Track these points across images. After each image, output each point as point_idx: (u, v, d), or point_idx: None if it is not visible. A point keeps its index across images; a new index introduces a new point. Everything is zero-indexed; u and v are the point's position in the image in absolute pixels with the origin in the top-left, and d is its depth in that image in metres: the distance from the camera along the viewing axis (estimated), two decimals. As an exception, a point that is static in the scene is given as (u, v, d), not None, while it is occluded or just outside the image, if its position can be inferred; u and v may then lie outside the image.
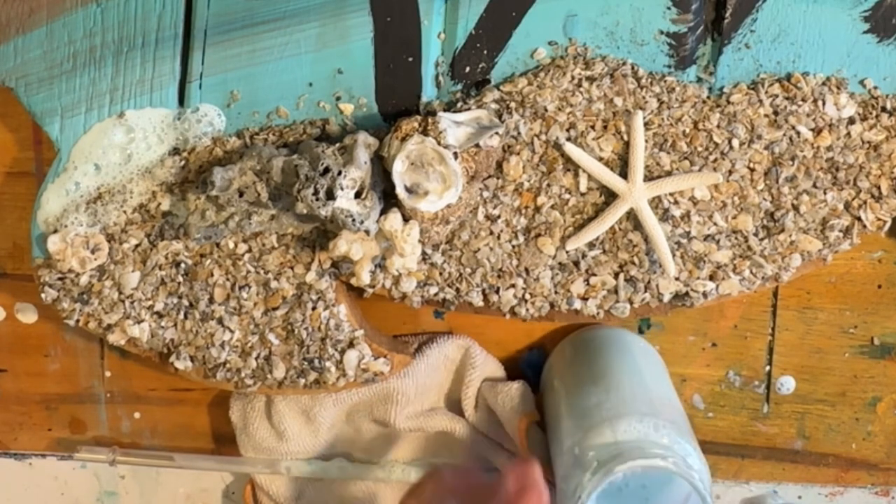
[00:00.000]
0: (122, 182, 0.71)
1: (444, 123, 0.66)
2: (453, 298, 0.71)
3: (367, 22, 0.68)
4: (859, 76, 0.68)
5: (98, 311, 0.72)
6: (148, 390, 0.80)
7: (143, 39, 0.69)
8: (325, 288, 0.71)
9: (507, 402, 0.74)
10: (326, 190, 0.65)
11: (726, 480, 0.80)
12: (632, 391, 0.69)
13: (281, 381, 0.73)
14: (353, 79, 0.69)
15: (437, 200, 0.67)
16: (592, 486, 0.61)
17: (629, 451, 0.62)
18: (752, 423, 0.78)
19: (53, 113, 0.70)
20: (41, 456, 0.83)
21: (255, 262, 0.71)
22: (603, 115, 0.69)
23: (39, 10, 0.69)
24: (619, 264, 0.70)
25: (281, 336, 0.72)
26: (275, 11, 0.68)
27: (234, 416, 0.78)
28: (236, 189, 0.67)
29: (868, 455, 0.79)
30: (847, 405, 0.77)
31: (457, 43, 0.69)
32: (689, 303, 0.70)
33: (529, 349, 0.78)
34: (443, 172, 0.66)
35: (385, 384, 0.75)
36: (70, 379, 0.80)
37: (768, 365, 0.77)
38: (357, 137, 0.66)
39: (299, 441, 0.77)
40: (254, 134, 0.70)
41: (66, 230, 0.71)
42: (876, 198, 0.69)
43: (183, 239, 0.71)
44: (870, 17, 0.67)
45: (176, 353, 0.72)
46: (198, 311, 0.72)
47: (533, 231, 0.70)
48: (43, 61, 0.69)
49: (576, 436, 0.66)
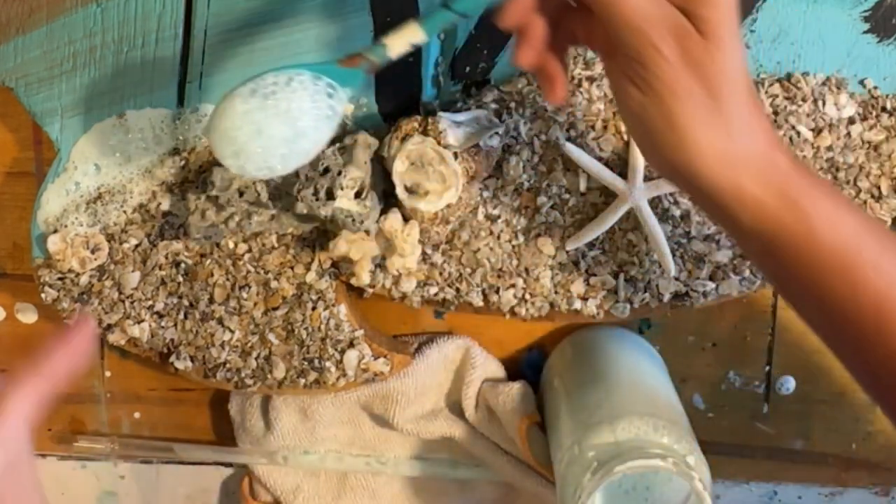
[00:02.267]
0: (122, 182, 0.71)
1: (444, 123, 0.66)
2: (453, 298, 0.71)
3: (367, 22, 0.68)
4: (859, 76, 0.68)
5: (98, 311, 0.72)
6: (148, 390, 0.80)
7: (143, 39, 0.69)
8: (325, 288, 0.71)
9: (507, 403, 0.74)
10: (326, 190, 0.65)
11: (726, 480, 0.80)
12: (632, 391, 0.69)
13: (281, 381, 0.73)
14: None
15: (437, 200, 0.67)
16: (592, 486, 0.61)
17: (629, 451, 0.62)
18: (752, 423, 0.78)
19: (53, 113, 0.70)
20: (41, 456, 0.83)
21: (255, 262, 0.71)
22: (603, 115, 0.69)
23: (39, 10, 0.69)
24: (618, 264, 0.70)
25: (281, 336, 0.72)
26: (275, 11, 0.68)
27: (232, 411, 0.78)
28: (236, 189, 0.67)
29: (868, 455, 0.79)
30: (847, 405, 0.77)
31: (457, 43, 0.69)
32: (689, 303, 0.70)
33: (529, 349, 0.78)
34: (443, 172, 0.66)
35: (385, 384, 0.75)
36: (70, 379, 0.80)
37: (768, 365, 0.77)
38: (357, 137, 0.66)
39: (296, 437, 0.77)
40: (254, 134, 0.70)
41: (66, 230, 0.71)
42: (876, 198, 0.69)
43: (183, 239, 0.71)
44: (870, 17, 0.67)
45: (176, 353, 0.72)
46: (198, 311, 0.72)
47: (533, 231, 0.70)
48: (43, 61, 0.69)
49: (575, 436, 0.66)
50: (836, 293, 0.52)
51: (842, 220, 0.52)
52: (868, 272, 0.52)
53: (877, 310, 0.52)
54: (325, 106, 0.53)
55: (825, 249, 0.52)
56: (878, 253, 0.52)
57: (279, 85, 0.53)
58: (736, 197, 0.52)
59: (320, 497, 0.80)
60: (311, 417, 0.77)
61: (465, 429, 0.76)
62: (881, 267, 0.52)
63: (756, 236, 0.53)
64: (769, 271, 0.56)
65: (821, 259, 0.52)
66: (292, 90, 0.53)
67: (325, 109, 0.53)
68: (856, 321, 0.53)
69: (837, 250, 0.52)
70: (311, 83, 0.53)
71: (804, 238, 0.52)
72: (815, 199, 0.52)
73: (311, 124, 0.53)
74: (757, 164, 0.51)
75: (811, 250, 0.52)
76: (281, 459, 0.78)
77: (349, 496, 0.80)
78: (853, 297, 0.52)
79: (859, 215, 0.53)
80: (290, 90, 0.53)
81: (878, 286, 0.52)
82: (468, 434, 0.76)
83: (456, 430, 0.76)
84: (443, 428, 0.76)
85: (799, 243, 0.52)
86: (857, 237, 0.52)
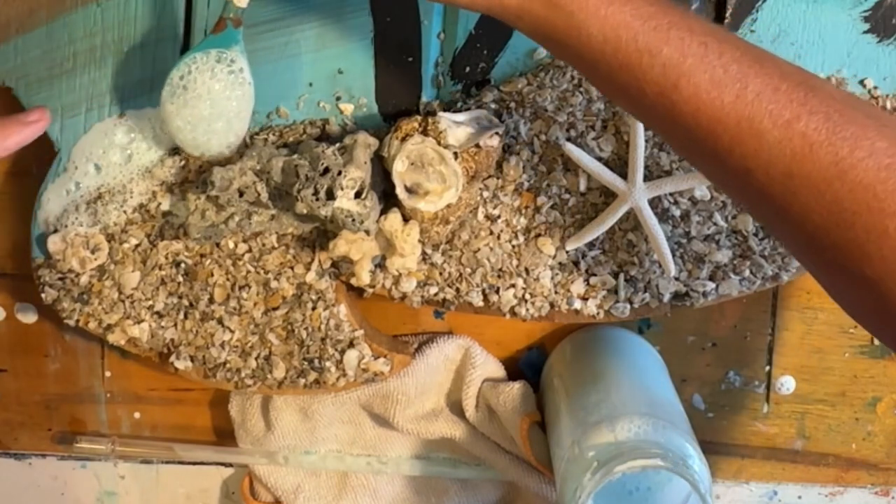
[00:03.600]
0: (122, 182, 0.71)
1: (444, 123, 0.66)
2: (453, 298, 0.71)
3: (367, 22, 0.68)
4: (859, 76, 0.68)
5: (98, 311, 0.72)
6: (148, 390, 0.80)
7: (143, 39, 0.69)
8: (325, 288, 0.71)
9: (508, 403, 0.74)
10: (326, 190, 0.65)
11: (726, 480, 0.80)
12: (632, 391, 0.69)
13: (281, 381, 0.73)
14: (353, 79, 0.69)
15: (437, 200, 0.67)
16: (592, 486, 0.61)
17: (629, 451, 0.62)
18: (752, 423, 0.78)
19: (53, 113, 0.70)
20: (41, 456, 0.83)
21: (255, 262, 0.71)
22: (603, 115, 0.69)
23: (39, 9, 0.69)
24: (618, 264, 0.70)
25: (281, 336, 0.72)
26: (275, 11, 0.68)
27: (233, 410, 0.78)
28: (236, 189, 0.67)
29: (868, 455, 0.79)
30: (847, 405, 0.77)
31: (457, 43, 0.69)
32: (689, 303, 0.70)
33: (529, 349, 0.78)
34: (443, 172, 0.66)
35: (385, 384, 0.75)
36: (70, 379, 0.80)
37: (768, 365, 0.77)
38: (357, 137, 0.66)
39: (296, 437, 0.77)
40: (254, 134, 0.70)
41: (66, 230, 0.71)
42: (876, 198, 0.69)
43: (183, 239, 0.71)
44: (870, 17, 0.67)
45: (176, 353, 0.72)
46: (198, 311, 0.72)
47: (533, 231, 0.70)
48: (43, 61, 0.69)
49: (576, 435, 0.66)
50: (629, 88, 0.52)
51: (611, 12, 0.51)
52: (643, 60, 0.51)
53: (661, 96, 0.51)
54: (226, 71, 0.62)
55: (595, 45, 0.51)
56: (652, 37, 0.51)
57: (184, 77, 0.62)
58: (514, 12, 0.53)
59: (321, 497, 0.80)
60: (311, 417, 0.77)
61: (466, 428, 0.76)
62: (657, 52, 0.50)
63: (544, 44, 0.54)
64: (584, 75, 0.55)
65: (598, 55, 0.52)
66: (194, 76, 0.61)
67: (227, 74, 0.62)
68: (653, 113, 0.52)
69: (608, 44, 0.51)
70: (203, 62, 0.62)
71: (577, 38, 0.52)
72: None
73: (225, 92, 0.63)
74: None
75: (586, 48, 0.52)
76: (281, 459, 0.78)
77: (350, 496, 0.80)
78: (640, 88, 0.51)
79: (635, 4, 0.51)
80: (193, 77, 0.62)
81: (654, 74, 0.50)
82: (469, 434, 0.76)
83: (456, 429, 0.76)
84: (443, 427, 0.76)
85: (573, 43, 0.52)
86: (627, 27, 0.51)
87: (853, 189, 0.47)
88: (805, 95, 0.49)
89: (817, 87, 0.50)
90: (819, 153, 0.48)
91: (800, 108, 0.48)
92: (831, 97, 0.49)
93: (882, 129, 0.48)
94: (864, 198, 0.47)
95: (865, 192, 0.47)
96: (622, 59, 0.51)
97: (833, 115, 0.48)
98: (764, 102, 0.49)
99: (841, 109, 0.48)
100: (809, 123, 0.48)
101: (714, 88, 0.49)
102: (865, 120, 0.48)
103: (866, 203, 0.47)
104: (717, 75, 0.49)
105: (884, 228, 0.46)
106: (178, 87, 0.62)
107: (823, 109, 0.48)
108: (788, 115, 0.48)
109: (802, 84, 0.49)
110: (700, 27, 0.51)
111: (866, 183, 0.47)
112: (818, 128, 0.48)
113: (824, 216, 0.48)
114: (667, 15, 0.51)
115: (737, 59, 0.50)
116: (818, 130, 0.48)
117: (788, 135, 0.48)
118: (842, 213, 0.47)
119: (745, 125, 0.49)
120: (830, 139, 0.48)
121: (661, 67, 0.50)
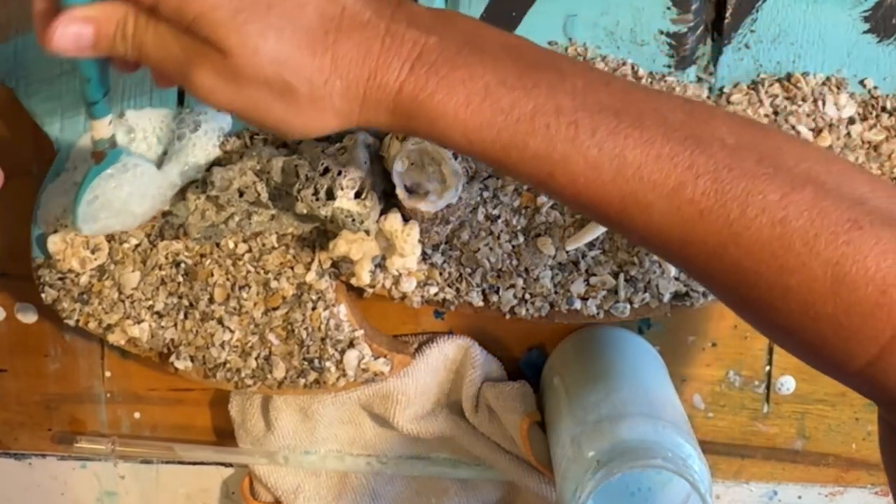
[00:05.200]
0: (122, 182, 0.71)
1: (444, 123, 0.66)
2: (453, 298, 0.71)
3: (367, 22, 0.68)
4: (859, 76, 0.68)
5: (98, 311, 0.72)
6: (148, 390, 0.80)
7: (143, 39, 0.69)
8: (325, 288, 0.71)
9: (508, 403, 0.74)
10: (326, 190, 0.65)
11: (726, 480, 0.80)
12: (632, 391, 0.69)
13: (281, 381, 0.73)
14: (353, 79, 0.69)
15: (437, 200, 0.67)
16: (592, 486, 0.61)
17: (629, 451, 0.62)
18: (752, 423, 0.78)
19: (53, 113, 0.70)
20: (41, 456, 0.83)
21: (255, 262, 0.71)
22: (603, 115, 0.69)
23: (39, 10, 0.68)
24: (618, 264, 0.70)
25: (281, 336, 0.72)
26: (275, 11, 0.68)
27: (233, 410, 0.79)
28: (236, 189, 0.67)
29: (868, 455, 0.79)
30: (847, 405, 0.77)
31: (457, 43, 0.68)
32: (689, 303, 0.70)
33: (529, 349, 0.78)
34: (443, 172, 0.66)
35: (385, 384, 0.75)
36: (70, 379, 0.80)
37: (768, 365, 0.77)
38: (357, 137, 0.66)
39: (296, 437, 0.78)
40: (254, 134, 0.70)
41: (66, 230, 0.71)
42: (876, 198, 0.69)
43: (183, 239, 0.71)
44: (870, 17, 0.67)
45: (176, 353, 0.72)
46: (198, 311, 0.72)
47: (533, 231, 0.70)
48: (43, 61, 0.69)
49: (575, 435, 0.66)
50: (514, 177, 0.50)
51: (470, 114, 0.48)
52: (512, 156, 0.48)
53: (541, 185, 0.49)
54: (127, 175, 0.65)
55: (464, 149, 0.49)
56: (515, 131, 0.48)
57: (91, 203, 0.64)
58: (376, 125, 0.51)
59: (321, 497, 0.80)
60: (311, 417, 0.77)
61: (466, 428, 0.76)
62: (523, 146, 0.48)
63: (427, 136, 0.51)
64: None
65: (471, 155, 0.50)
66: (97, 195, 0.64)
67: (129, 176, 0.65)
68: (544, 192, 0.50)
69: (475, 146, 0.49)
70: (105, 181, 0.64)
71: (445, 143, 0.50)
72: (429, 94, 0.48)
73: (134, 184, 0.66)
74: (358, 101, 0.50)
75: (459, 150, 0.50)
76: (281, 459, 0.78)
77: (350, 496, 0.80)
78: (521, 179, 0.50)
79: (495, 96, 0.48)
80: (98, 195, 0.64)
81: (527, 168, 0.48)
82: (469, 434, 0.76)
83: (456, 429, 0.76)
84: (443, 428, 0.76)
85: (437, 139, 0.50)
86: (489, 127, 0.48)
87: (749, 251, 0.45)
88: (691, 155, 0.46)
89: (705, 138, 0.47)
90: (710, 218, 0.46)
91: (685, 173, 0.46)
92: (722, 146, 0.46)
93: (774, 177, 0.46)
94: (763, 257, 0.45)
95: (762, 251, 0.45)
96: (493, 158, 0.49)
97: (721, 172, 0.46)
98: (645, 174, 0.46)
99: (730, 164, 0.46)
100: (696, 188, 0.46)
101: (591, 170, 0.47)
102: (756, 168, 0.46)
103: (765, 263, 0.45)
104: (592, 156, 0.47)
105: (786, 286, 0.45)
106: (90, 207, 0.64)
107: (711, 169, 0.46)
108: (673, 184, 0.46)
109: (688, 140, 0.47)
110: (570, 102, 0.47)
111: (762, 242, 0.45)
112: (706, 191, 0.46)
113: (729, 277, 0.47)
114: (530, 98, 0.48)
115: (612, 131, 0.47)
116: (706, 195, 0.46)
117: (676, 204, 0.46)
118: (743, 274, 0.46)
119: (629, 201, 0.47)
120: (720, 201, 0.45)
121: (532, 160, 0.48)
